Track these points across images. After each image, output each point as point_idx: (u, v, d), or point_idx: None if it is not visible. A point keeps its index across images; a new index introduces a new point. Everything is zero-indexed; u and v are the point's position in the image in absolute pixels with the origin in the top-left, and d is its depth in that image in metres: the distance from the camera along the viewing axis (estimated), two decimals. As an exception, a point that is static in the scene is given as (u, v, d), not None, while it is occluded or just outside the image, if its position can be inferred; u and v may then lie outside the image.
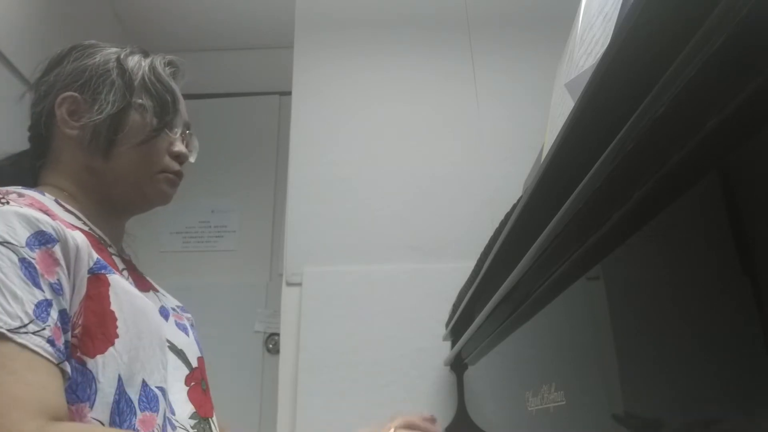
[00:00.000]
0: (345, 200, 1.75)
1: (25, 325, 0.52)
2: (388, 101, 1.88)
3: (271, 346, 2.32)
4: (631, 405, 0.44)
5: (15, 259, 0.54)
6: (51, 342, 0.53)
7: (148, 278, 0.81)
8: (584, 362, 0.54)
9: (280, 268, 2.04)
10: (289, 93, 1.93)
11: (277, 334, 2.11)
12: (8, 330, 0.51)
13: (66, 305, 0.57)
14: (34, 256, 0.55)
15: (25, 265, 0.54)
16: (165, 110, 0.77)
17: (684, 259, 0.36)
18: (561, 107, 0.70)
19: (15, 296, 0.52)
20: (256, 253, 2.49)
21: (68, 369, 0.55)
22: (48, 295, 0.55)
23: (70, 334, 0.57)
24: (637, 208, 0.40)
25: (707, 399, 0.34)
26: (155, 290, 0.80)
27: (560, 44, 0.83)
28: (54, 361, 0.53)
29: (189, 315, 0.84)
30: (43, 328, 0.53)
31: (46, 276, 0.56)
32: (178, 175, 0.79)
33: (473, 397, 1.29)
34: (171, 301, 0.83)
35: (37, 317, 0.53)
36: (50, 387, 0.52)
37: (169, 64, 0.81)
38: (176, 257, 2.46)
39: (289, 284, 1.66)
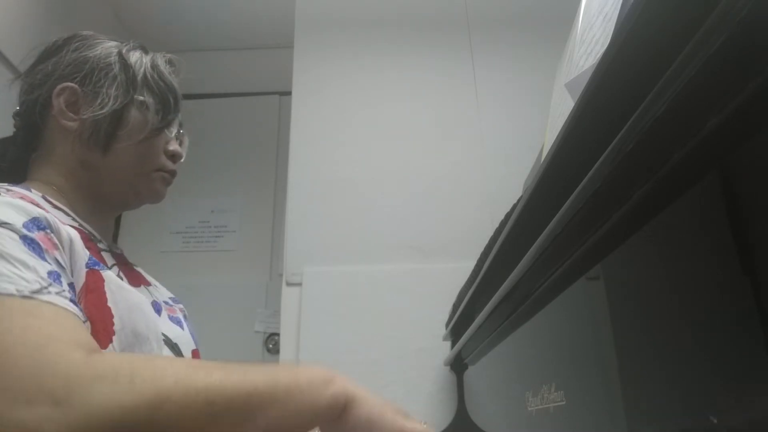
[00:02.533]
0: (345, 200, 1.75)
1: (46, 287, 0.50)
2: (388, 101, 1.88)
3: (271, 346, 2.32)
4: (631, 405, 0.44)
5: (15, 237, 0.53)
6: (74, 302, 0.53)
7: (140, 270, 0.81)
8: (584, 362, 0.54)
9: (280, 268, 2.04)
10: (289, 93, 1.93)
11: (277, 334, 2.11)
12: (31, 291, 0.49)
13: (72, 281, 0.57)
14: (34, 236, 0.54)
15: (28, 241, 0.53)
16: (167, 109, 0.76)
17: (684, 259, 0.36)
18: (561, 107, 0.70)
19: (26, 265, 0.51)
20: (256, 253, 2.49)
21: (89, 328, 0.55)
22: (56, 267, 0.54)
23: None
24: (637, 208, 0.40)
25: (707, 399, 0.34)
26: (147, 284, 0.79)
27: (560, 44, 0.83)
28: (82, 318, 0.53)
29: (181, 306, 0.83)
30: (63, 290, 0.52)
31: (50, 251, 0.55)
32: (172, 174, 0.79)
33: (473, 397, 1.29)
34: (163, 294, 0.82)
35: (54, 281, 0.52)
36: (81, 331, 0.51)
37: (169, 62, 0.80)
38: (176, 257, 2.46)
39: (289, 284, 1.66)
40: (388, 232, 1.71)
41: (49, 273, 0.52)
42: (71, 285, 0.56)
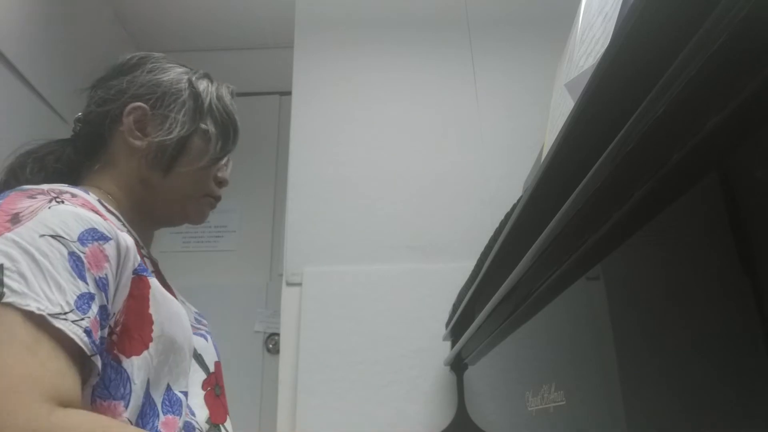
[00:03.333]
0: (345, 200, 1.75)
1: (65, 313, 0.53)
2: (388, 101, 1.89)
3: (271, 346, 2.32)
4: (631, 405, 0.44)
5: (65, 252, 0.55)
6: (88, 333, 0.54)
7: (171, 285, 0.82)
8: (584, 362, 0.54)
9: (280, 268, 2.04)
10: (289, 93, 1.93)
11: (277, 334, 2.11)
12: (48, 314, 0.51)
13: (107, 302, 0.58)
14: (85, 250, 0.57)
15: (74, 258, 0.56)
16: (227, 140, 0.80)
17: (684, 259, 0.36)
18: (561, 107, 0.70)
19: (59, 286, 0.53)
20: (256, 253, 2.49)
21: (99, 363, 0.56)
22: (92, 289, 0.56)
23: (107, 330, 0.58)
24: (637, 208, 0.40)
25: (707, 399, 0.34)
26: (175, 298, 0.80)
27: (560, 44, 0.83)
28: (87, 352, 0.54)
29: (206, 323, 0.85)
30: (82, 319, 0.54)
31: (93, 270, 0.57)
32: (218, 199, 0.84)
33: (473, 397, 1.29)
34: (189, 309, 0.83)
35: (77, 308, 0.54)
36: (68, 377, 0.52)
37: (232, 93, 0.84)
38: (176, 257, 2.46)
39: (289, 284, 1.66)
40: (388, 232, 1.71)
41: (80, 296, 0.55)
42: (103, 308, 0.58)
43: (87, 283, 0.56)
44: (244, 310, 2.36)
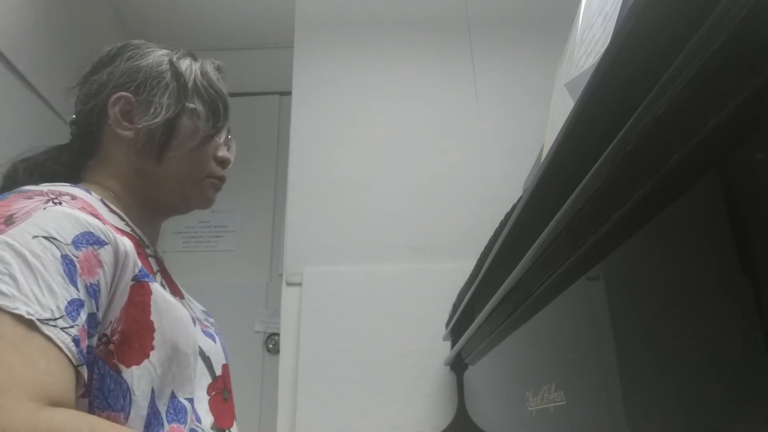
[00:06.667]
0: (345, 200, 1.75)
1: (55, 319, 0.51)
2: (388, 101, 1.88)
3: (271, 346, 2.32)
4: (631, 405, 0.44)
5: (57, 254, 0.54)
6: (76, 342, 0.53)
7: (176, 282, 0.81)
8: (584, 362, 0.54)
9: (280, 268, 2.04)
10: (289, 93, 1.93)
11: (277, 334, 2.11)
12: (38, 319, 0.50)
13: (96, 310, 0.56)
14: (78, 254, 0.55)
15: (66, 261, 0.54)
16: (217, 116, 0.77)
17: (684, 259, 0.36)
18: (561, 107, 0.70)
19: (51, 289, 0.52)
20: (256, 253, 2.49)
21: (85, 374, 0.54)
22: (82, 295, 0.55)
23: (95, 339, 0.57)
24: (637, 208, 0.40)
25: (707, 399, 0.34)
26: (181, 297, 0.78)
27: (560, 44, 0.83)
28: (74, 362, 0.52)
29: (213, 320, 0.83)
30: (72, 326, 0.52)
31: (84, 276, 0.55)
32: (222, 179, 0.80)
33: (473, 397, 1.29)
34: (195, 308, 0.82)
35: (67, 314, 0.52)
36: (58, 376, 0.51)
37: (218, 69, 0.81)
38: (176, 257, 2.46)
39: (289, 284, 1.66)
40: (388, 232, 1.71)
41: (70, 302, 0.53)
42: (92, 315, 0.56)
43: (78, 289, 0.54)
44: (244, 310, 2.36)
